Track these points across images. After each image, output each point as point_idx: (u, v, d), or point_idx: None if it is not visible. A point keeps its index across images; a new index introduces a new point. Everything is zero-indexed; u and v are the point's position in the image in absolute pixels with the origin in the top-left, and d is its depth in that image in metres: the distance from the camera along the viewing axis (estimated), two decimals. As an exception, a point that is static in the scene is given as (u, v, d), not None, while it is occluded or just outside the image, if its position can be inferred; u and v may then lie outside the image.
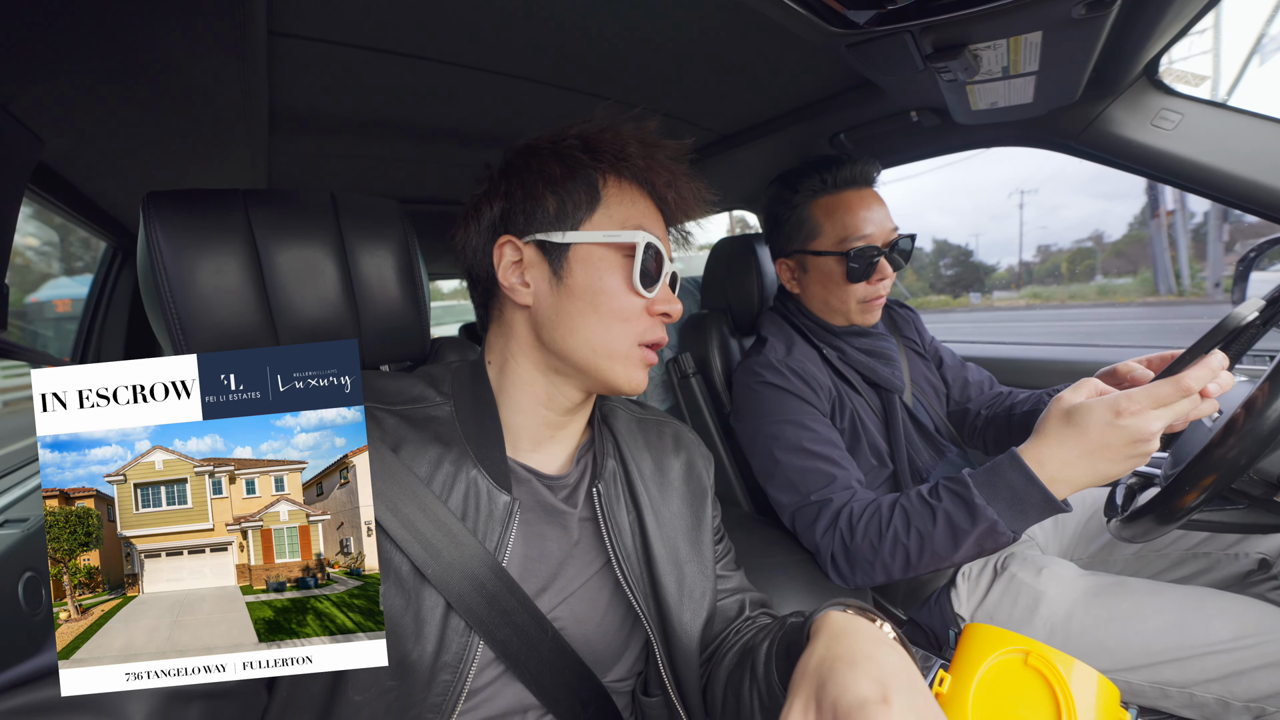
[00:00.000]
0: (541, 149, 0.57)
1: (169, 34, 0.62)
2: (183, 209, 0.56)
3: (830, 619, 0.46)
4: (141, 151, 0.96)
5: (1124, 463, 0.64)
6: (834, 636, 0.42)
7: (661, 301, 0.57)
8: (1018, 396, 1.13)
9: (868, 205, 0.98)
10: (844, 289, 1.00)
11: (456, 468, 0.53)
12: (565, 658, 0.55)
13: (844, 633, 0.42)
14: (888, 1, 0.58)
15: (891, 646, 0.41)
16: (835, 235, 0.99)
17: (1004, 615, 0.89)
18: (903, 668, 0.38)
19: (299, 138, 1.03)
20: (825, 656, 0.40)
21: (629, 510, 0.61)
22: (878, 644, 0.41)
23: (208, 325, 0.56)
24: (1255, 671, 0.72)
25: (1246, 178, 0.86)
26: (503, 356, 0.59)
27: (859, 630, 0.42)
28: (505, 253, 0.56)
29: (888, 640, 0.42)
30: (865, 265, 0.97)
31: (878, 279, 0.98)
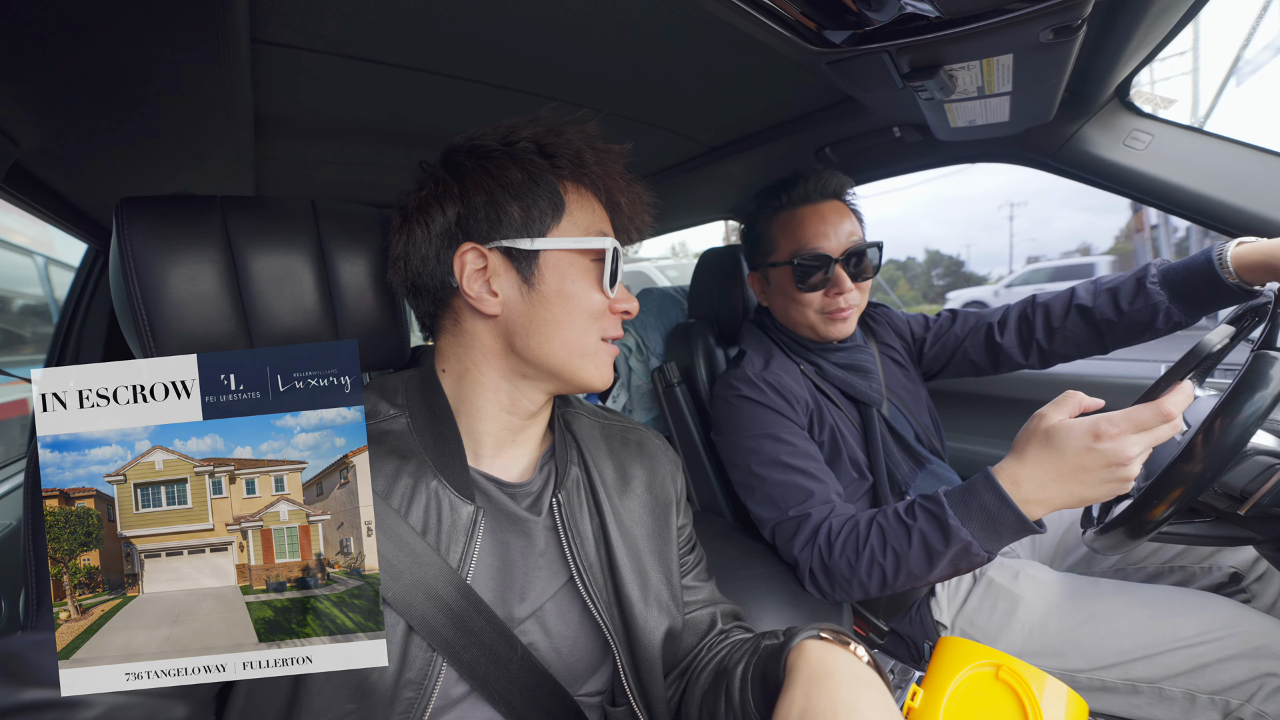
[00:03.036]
0: (494, 152, 0.55)
1: (149, 39, 0.63)
2: (158, 215, 0.56)
3: (806, 653, 0.46)
4: (121, 155, 0.95)
5: (1101, 486, 0.63)
6: (813, 681, 0.43)
7: (622, 300, 0.59)
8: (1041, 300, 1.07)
9: (822, 218, 1.00)
10: (799, 300, 1.01)
11: (416, 480, 0.52)
12: (536, 675, 0.54)
13: (823, 675, 0.43)
14: (863, 23, 0.60)
15: (869, 686, 0.42)
16: (788, 249, 1.01)
17: (984, 620, 0.90)
18: (883, 717, 0.39)
19: (286, 144, 1.04)
20: (806, 710, 0.41)
21: (592, 517, 0.60)
22: (857, 689, 0.41)
23: (180, 332, 0.56)
24: (1218, 664, 0.74)
25: (1212, 197, 0.90)
26: (461, 366, 0.58)
27: (836, 670, 0.43)
28: (469, 261, 0.54)
29: (865, 677, 0.43)
30: (814, 274, 0.98)
31: (835, 291, 0.99)
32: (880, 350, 1.16)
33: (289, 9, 0.64)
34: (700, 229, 2.13)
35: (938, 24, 0.60)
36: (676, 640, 0.63)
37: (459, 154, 0.57)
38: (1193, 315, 0.90)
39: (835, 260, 0.98)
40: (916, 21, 0.60)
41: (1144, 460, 0.63)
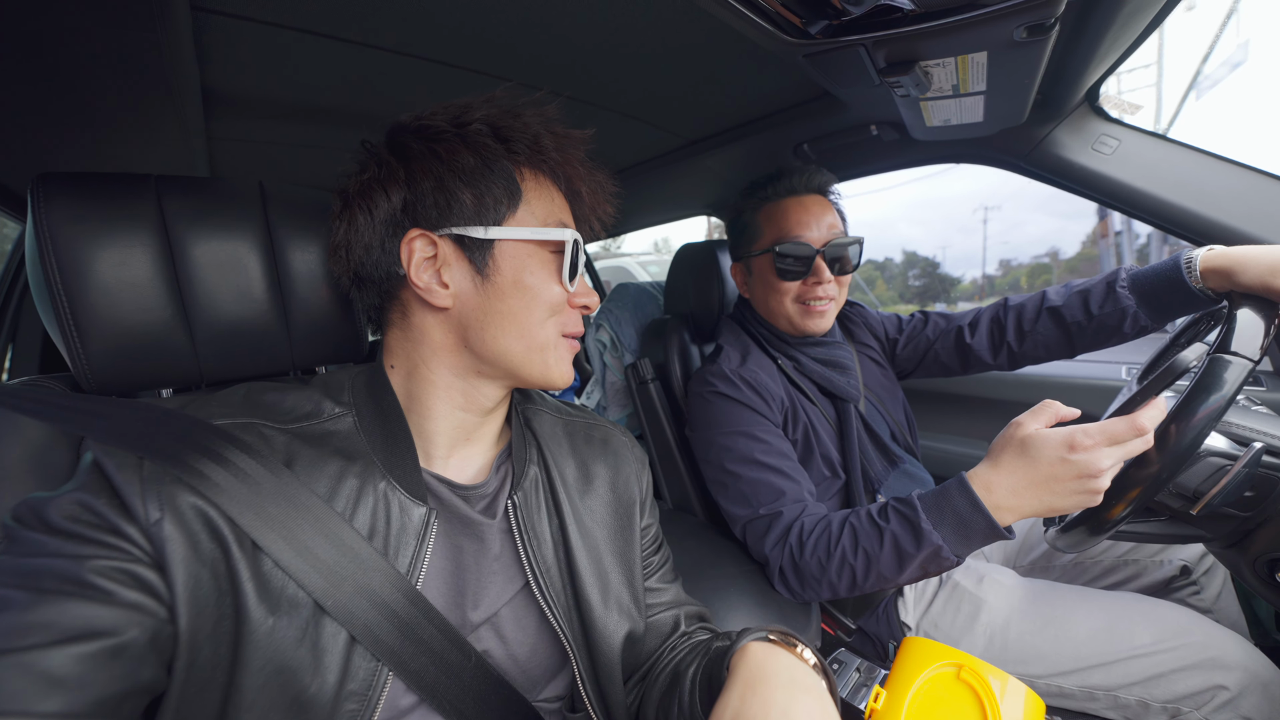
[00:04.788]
0: (444, 133, 0.51)
1: (71, 2, 0.58)
2: (81, 192, 0.52)
3: (749, 655, 0.45)
4: (49, 128, 0.88)
5: (1072, 497, 0.64)
6: (749, 684, 0.42)
7: (582, 294, 0.57)
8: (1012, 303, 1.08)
9: (806, 209, 1.00)
10: (779, 288, 1.01)
11: (362, 481, 0.49)
12: (491, 682, 0.52)
13: (760, 678, 0.42)
14: (840, 15, 0.59)
15: (806, 690, 0.41)
16: (771, 237, 1.01)
17: (947, 623, 0.91)
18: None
19: (242, 124, 0.98)
20: (740, 713, 0.40)
21: (551, 518, 0.58)
22: (793, 692, 0.41)
23: (109, 320, 0.52)
24: (1172, 675, 0.76)
25: (1174, 203, 0.92)
26: (411, 362, 0.55)
27: (775, 673, 0.43)
28: (416, 248, 0.51)
29: (804, 682, 0.42)
30: (795, 262, 0.98)
31: (814, 281, 0.98)
32: (858, 349, 1.17)
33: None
34: (683, 225, 2.12)
35: (914, 17, 0.59)
36: (638, 644, 0.61)
37: (405, 134, 0.53)
38: (1159, 320, 0.92)
39: (816, 251, 0.98)
40: (893, 14, 0.59)
41: (1115, 473, 0.63)
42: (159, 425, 0.45)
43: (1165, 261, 0.87)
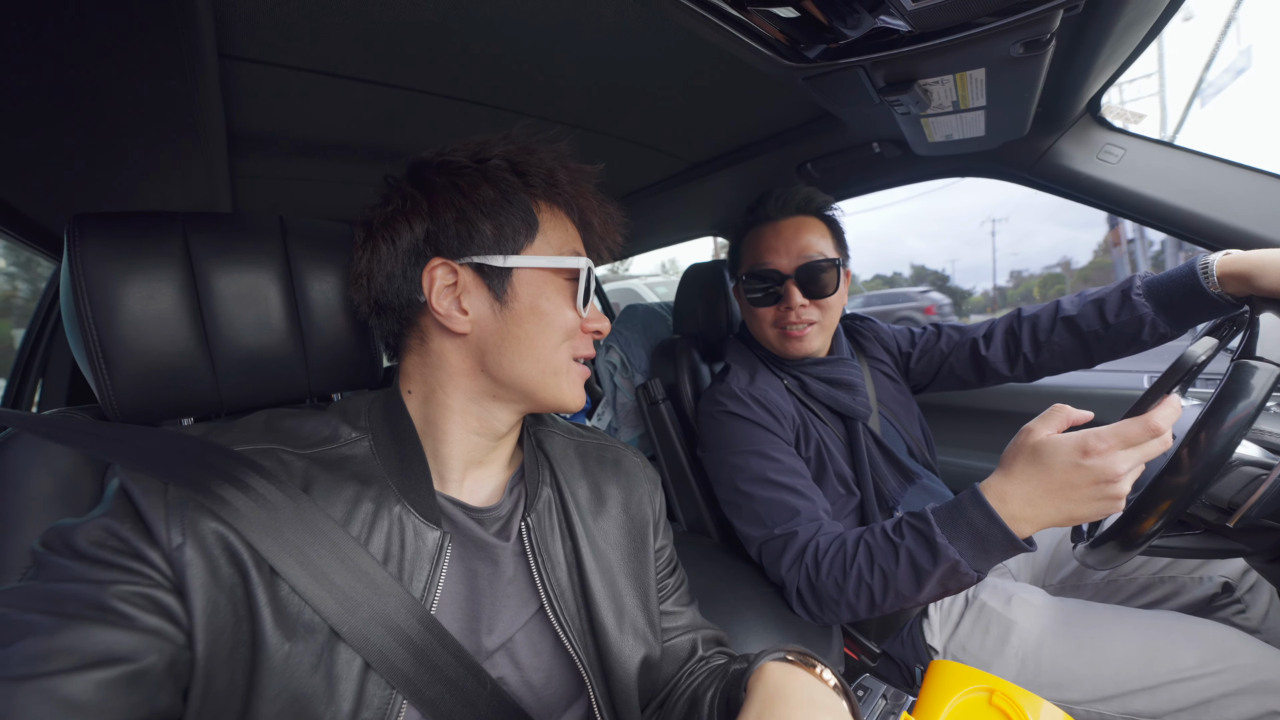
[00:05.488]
0: (465, 168, 0.54)
1: (107, 53, 0.61)
2: (113, 231, 0.55)
3: (766, 675, 0.45)
4: (84, 171, 0.93)
5: (1091, 504, 0.61)
6: (767, 703, 0.42)
7: (594, 319, 0.58)
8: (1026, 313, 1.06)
9: (777, 234, 0.99)
10: (755, 315, 1.02)
11: (378, 505, 0.49)
12: (507, 711, 0.51)
13: (777, 698, 0.42)
14: (837, 38, 0.60)
15: (825, 710, 0.41)
16: (746, 265, 1.03)
17: (976, 645, 0.87)
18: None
19: (265, 163, 1.02)
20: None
21: (564, 540, 0.58)
22: (811, 711, 0.40)
23: (136, 351, 0.54)
24: (1221, 700, 0.71)
25: (1184, 208, 0.91)
26: (428, 387, 0.56)
27: (794, 692, 0.42)
28: (438, 276, 0.53)
29: (823, 702, 0.42)
30: (762, 288, 0.99)
31: (785, 306, 0.98)
32: (869, 364, 1.15)
33: (256, 25, 0.64)
34: (690, 246, 2.14)
35: (911, 38, 0.60)
36: (655, 669, 0.60)
37: (428, 169, 0.55)
38: (1178, 327, 0.90)
39: (787, 276, 0.97)
40: (890, 36, 0.61)
41: (1134, 477, 0.61)
42: (183, 451, 0.46)
43: (1181, 267, 0.86)
